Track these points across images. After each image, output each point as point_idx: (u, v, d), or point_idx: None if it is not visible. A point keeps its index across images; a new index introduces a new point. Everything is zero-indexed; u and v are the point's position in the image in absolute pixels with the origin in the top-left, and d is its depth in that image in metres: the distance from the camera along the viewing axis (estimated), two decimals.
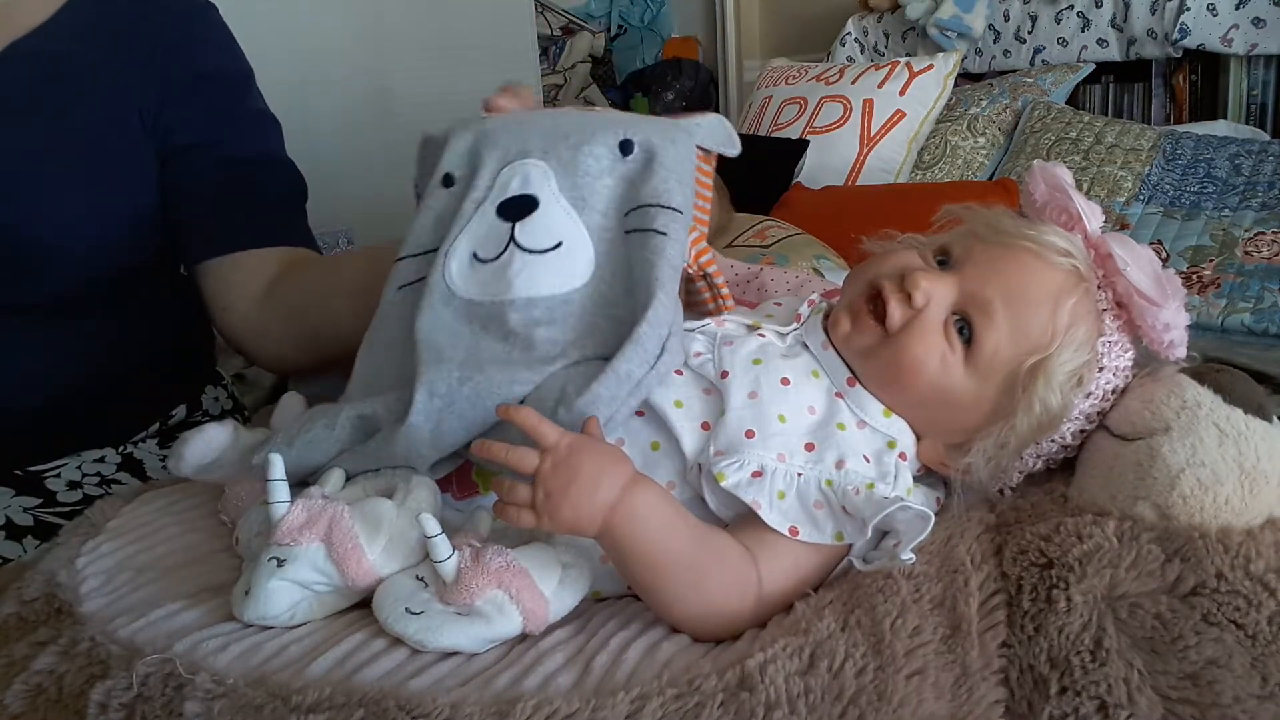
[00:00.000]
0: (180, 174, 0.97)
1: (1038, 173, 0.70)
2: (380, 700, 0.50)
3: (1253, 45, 2.31)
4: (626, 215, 0.67)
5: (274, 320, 0.95)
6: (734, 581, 0.59)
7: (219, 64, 1.01)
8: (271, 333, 0.97)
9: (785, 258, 1.70)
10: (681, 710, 0.50)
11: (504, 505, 0.57)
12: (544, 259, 0.64)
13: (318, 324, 0.93)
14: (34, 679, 0.57)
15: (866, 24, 2.95)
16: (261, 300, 0.96)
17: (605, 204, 0.67)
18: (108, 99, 0.94)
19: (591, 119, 0.71)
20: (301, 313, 0.94)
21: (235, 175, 0.98)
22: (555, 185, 0.66)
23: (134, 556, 0.68)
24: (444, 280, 0.66)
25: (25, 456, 0.95)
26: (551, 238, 0.65)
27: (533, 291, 0.64)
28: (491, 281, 0.64)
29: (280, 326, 0.95)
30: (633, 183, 0.68)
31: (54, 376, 0.95)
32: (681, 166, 0.69)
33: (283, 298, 0.95)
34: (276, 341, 0.97)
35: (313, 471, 0.65)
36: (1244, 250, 1.92)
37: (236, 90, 1.02)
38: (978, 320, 0.66)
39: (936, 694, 0.51)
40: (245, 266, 0.97)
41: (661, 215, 0.66)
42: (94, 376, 0.97)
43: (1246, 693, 0.51)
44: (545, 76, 3.27)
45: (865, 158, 2.52)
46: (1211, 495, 0.59)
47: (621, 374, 0.60)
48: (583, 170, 0.67)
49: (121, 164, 0.95)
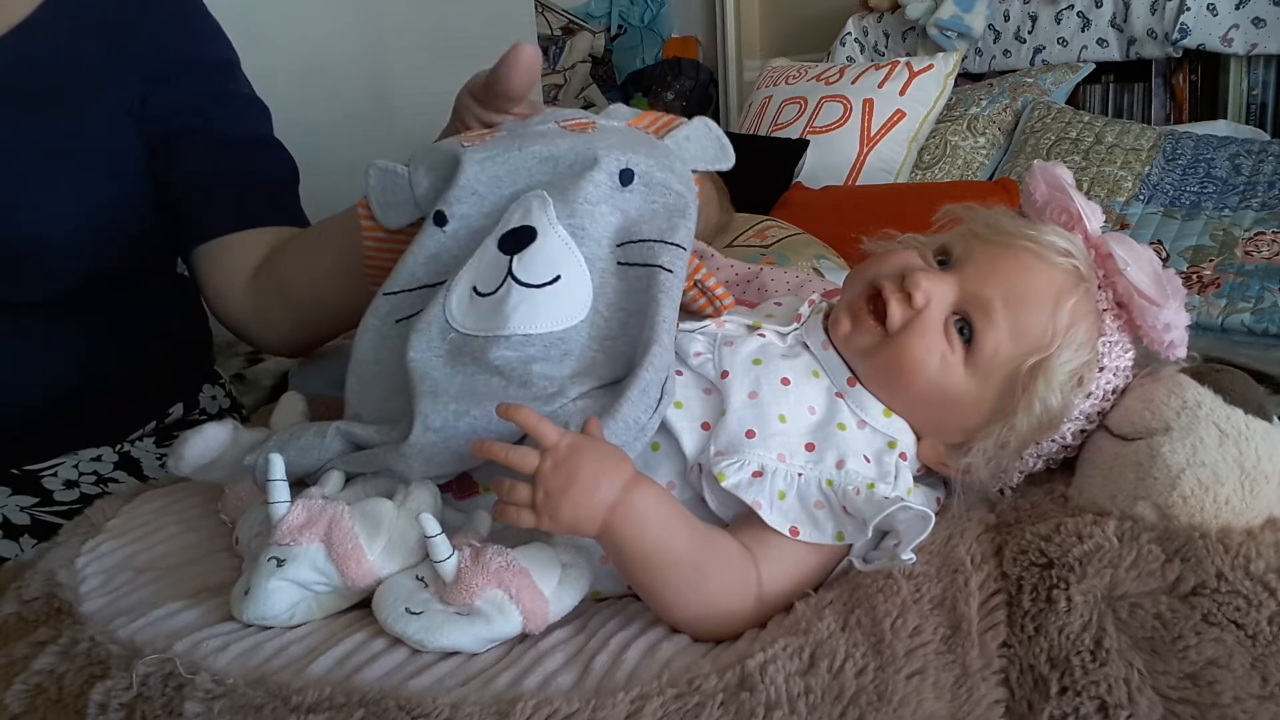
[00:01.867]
0: (169, 163, 0.97)
1: (1038, 173, 0.70)
2: (380, 700, 0.50)
3: (1253, 45, 2.31)
4: (621, 246, 0.66)
5: (266, 304, 0.95)
6: (734, 581, 0.59)
7: (200, 51, 1.00)
8: (267, 317, 0.96)
9: (785, 257, 1.70)
10: (682, 710, 0.50)
11: (504, 505, 0.57)
12: (541, 294, 0.63)
13: (307, 306, 0.92)
14: (34, 679, 0.57)
15: (866, 24, 2.95)
16: (251, 284, 0.95)
17: (602, 233, 0.65)
18: (94, 93, 0.93)
19: (589, 143, 0.69)
20: (288, 297, 0.93)
21: (222, 160, 0.97)
22: (553, 213, 0.65)
23: (134, 556, 0.68)
24: (443, 313, 0.64)
25: (22, 455, 0.95)
26: (549, 271, 0.63)
27: (530, 328, 0.62)
28: (489, 316, 0.63)
29: (273, 310, 0.95)
30: (630, 214, 0.67)
31: (50, 375, 0.95)
32: (681, 200, 0.68)
33: (268, 282, 0.94)
34: (273, 325, 0.96)
35: (308, 474, 0.65)
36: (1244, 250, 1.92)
37: (219, 76, 1.01)
38: (978, 320, 0.66)
39: (936, 694, 0.51)
40: (235, 250, 0.96)
41: (666, 252, 0.65)
42: (90, 375, 0.97)
43: (1247, 693, 0.51)
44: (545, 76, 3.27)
45: (865, 158, 2.52)
46: (1212, 495, 0.59)
47: (630, 421, 0.60)
48: (582, 198, 0.65)
49: (112, 157, 0.94)
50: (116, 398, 1.00)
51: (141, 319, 1.02)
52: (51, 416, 0.95)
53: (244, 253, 0.95)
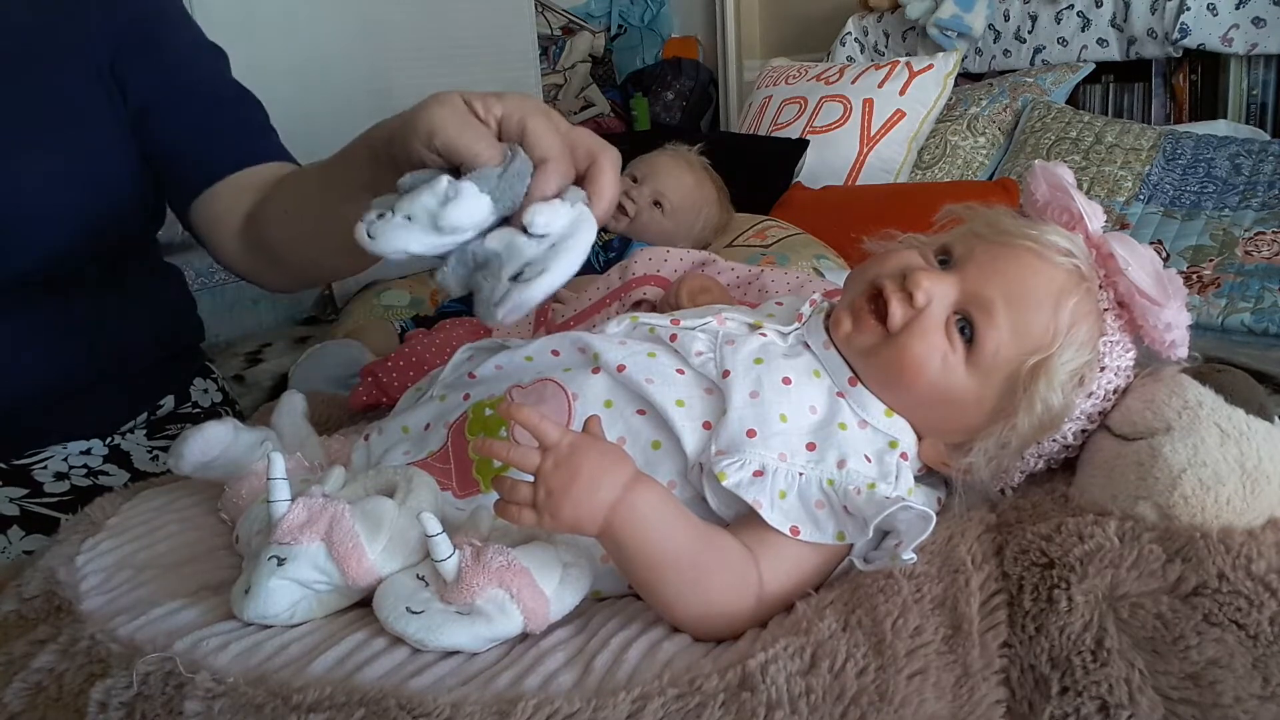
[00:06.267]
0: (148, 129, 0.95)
1: (1039, 172, 0.70)
2: (381, 699, 0.50)
3: (1253, 45, 2.31)
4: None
5: (257, 257, 0.92)
6: (735, 581, 0.59)
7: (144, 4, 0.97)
8: (260, 268, 0.94)
9: (785, 257, 1.70)
10: (683, 710, 0.50)
11: (505, 504, 0.57)
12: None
13: (297, 265, 0.90)
14: (33, 677, 0.57)
15: (866, 24, 2.95)
16: (241, 234, 0.92)
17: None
18: (70, 62, 0.92)
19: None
20: (276, 256, 0.90)
21: (190, 111, 0.95)
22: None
23: (134, 554, 0.68)
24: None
25: (10, 446, 0.94)
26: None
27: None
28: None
29: (264, 263, 0.92)
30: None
31: (39, 366, 0.94)
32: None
33: (253, 237, 0.91)
34: (272, 276, 0.95)
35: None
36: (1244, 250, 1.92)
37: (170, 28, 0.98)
38: (979, 320, 0.66)
39: (938, 694, 0.51)
40: (220, 200, 0.93)
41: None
42: (80, 366, 0.97)
43: (1248, 693, 0.51)
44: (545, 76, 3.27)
45: (865, 157, 2.52)
46: (1213, 495, 0.59)
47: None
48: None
49: (94, 128, 0.93)
50: (106, 389, 0.99)
51: (130, 308, 1.01)
52: (41, 408, 0.95)
53: (232, 201, 0.92)
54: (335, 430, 0.85)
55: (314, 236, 0.83)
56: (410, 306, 1.82)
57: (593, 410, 0.65)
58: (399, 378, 1.01)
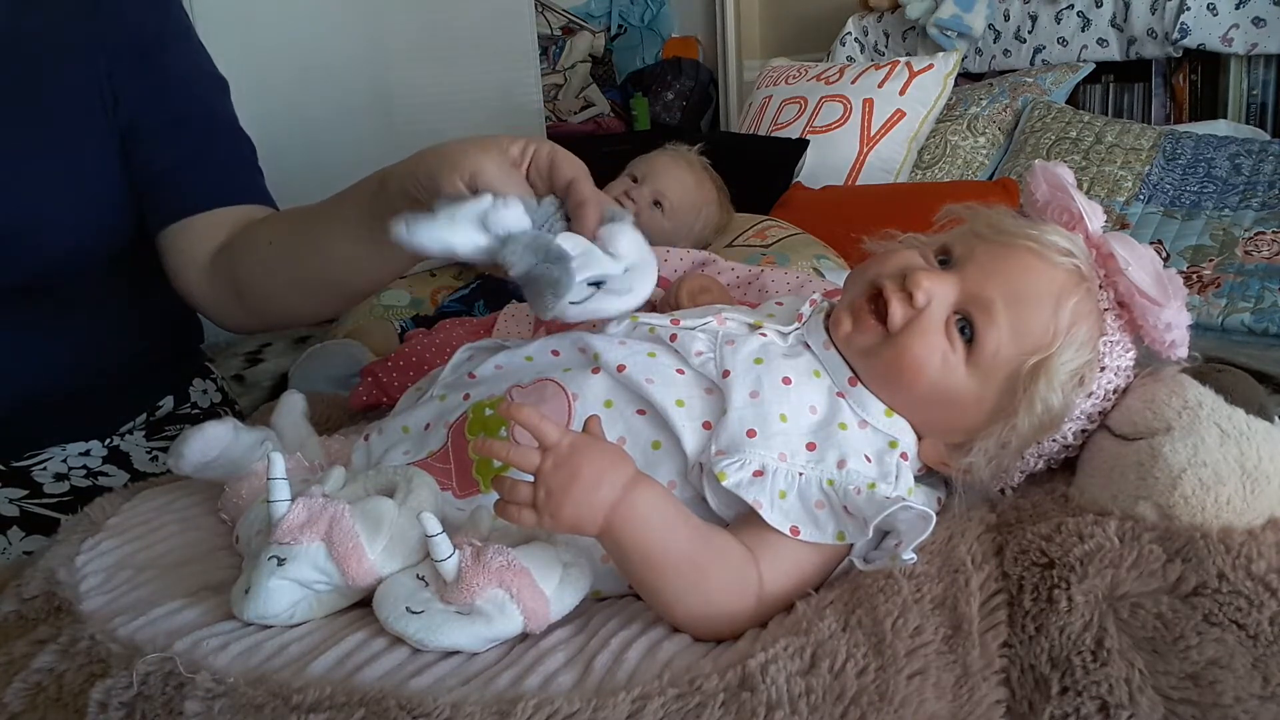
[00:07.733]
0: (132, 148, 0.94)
1: (1039, 172, 0.70)
2: (381, 699, 0.50)
3: (1253, 45, 2.31)
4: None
5: (221, 291, 0.92)
6: (735, 581, 0.59)
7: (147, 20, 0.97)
8: (222, 303, 0.93)
9: (785, 257, 1.70)
10: (683, 710, 0.50)
11: (505, 504, 0.57)
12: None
13: (263, 304, 0.90)
14: (33, 677, 0.57)
15: (866, 24, 2.95)
16: (208, 268, 0.92)
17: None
18: (68, 73, 0.92)
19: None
20: (240, 292, 0.91)
21: (176, 139, 0.95)
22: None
23: (134, 554, 0.68)
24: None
25: (10, 447, 0.94)
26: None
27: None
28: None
29: (227, 298, 0.92)
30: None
31: (38, 367, 0.94)
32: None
33: (221, 272, 0.91)
34: (229, 312, 0.94)
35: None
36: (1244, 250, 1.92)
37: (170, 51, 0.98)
38: (979, 320, 0.66)
39: (938, 694, 0.51)
40: (192, 232, 0.93)
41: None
42: (78, 366, 0.96)
43: (1248, 693, 0.51)
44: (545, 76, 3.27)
45: (865, 157, 2.51)
46: (1213, 495, 0.59)
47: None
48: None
49: (90, 139, 0.92)
50: (105, 390, 0.99)
51: (128, 309, 1.01)
52: (40, 409, 0.95)
53: (200, 235, 0.92)
54: (335, 430, 0.84)
55: (291, 275, 0.85)
56: (410, 306, 1.82)
57: (593, 410, 0.65)
58: (399, 378, 1.01)
